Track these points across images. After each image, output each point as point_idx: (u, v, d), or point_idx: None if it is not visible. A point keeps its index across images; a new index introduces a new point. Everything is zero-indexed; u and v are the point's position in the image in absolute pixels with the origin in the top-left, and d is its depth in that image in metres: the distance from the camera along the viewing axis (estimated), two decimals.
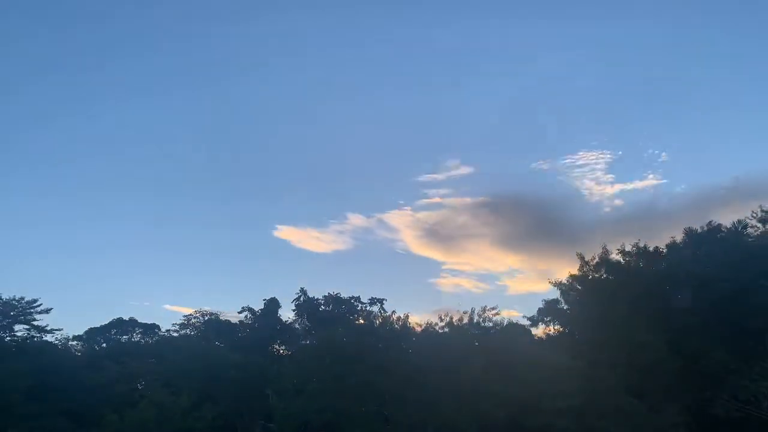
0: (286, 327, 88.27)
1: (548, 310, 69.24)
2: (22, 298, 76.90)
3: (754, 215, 62.80)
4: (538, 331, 69.97)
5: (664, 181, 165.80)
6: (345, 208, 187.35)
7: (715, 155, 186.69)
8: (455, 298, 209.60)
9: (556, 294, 67.83)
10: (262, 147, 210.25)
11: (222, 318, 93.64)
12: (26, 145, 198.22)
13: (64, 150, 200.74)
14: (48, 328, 78.74)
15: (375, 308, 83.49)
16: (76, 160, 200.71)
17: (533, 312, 71.04)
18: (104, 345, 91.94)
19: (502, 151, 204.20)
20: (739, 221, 63.55)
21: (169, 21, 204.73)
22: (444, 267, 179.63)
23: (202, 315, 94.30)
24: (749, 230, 62.84)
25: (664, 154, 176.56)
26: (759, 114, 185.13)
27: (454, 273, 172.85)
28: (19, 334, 77.01)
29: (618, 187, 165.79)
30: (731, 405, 50.44)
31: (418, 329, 65.63)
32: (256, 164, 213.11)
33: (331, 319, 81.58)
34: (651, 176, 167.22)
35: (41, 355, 70.65)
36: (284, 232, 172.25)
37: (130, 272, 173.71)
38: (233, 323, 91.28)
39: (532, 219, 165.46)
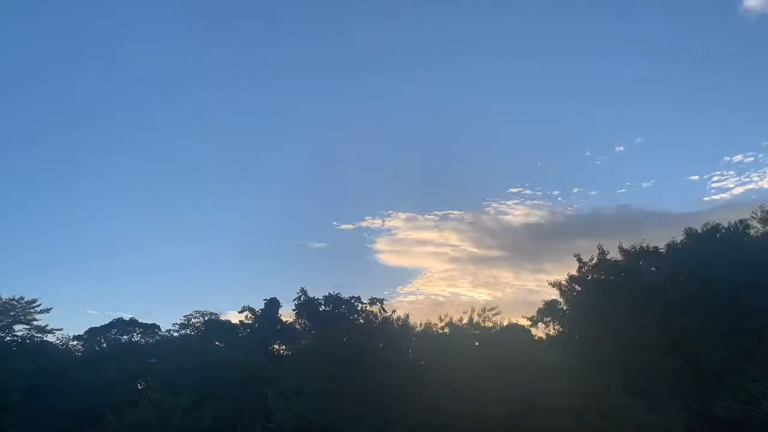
0: (286, 327, 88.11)
1: (548, 311, 69.15)
2: (22, 298, 77.07)
3: (755, 216, 62.89)
4: (538, 331, 69.98)
5: None
6: None
7: None
8: None
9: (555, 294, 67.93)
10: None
11: (222, 318, 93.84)
12: (26, 146, 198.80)
13: (63, 150, 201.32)
14: (48, 328, 78.95)
15: (375, 308, 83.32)
16: (76, 161, 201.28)
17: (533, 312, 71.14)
18: (104, 345, 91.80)
19: None
20: (740, 221, 63.35)
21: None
22: None
23: (202, 315, 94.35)
24: (750, 231, 62.75)
25: None
26: None
27: None
28: (19, 334, 77.14)
29: None
30: (731, 405, 50.29)
31: (419, 329, 65.68)
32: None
33: (331, 319, 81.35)
34: None
35: (41, 355, 70.71)
36: None
37: (130, 272, 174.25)
38: (233, 323, 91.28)
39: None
